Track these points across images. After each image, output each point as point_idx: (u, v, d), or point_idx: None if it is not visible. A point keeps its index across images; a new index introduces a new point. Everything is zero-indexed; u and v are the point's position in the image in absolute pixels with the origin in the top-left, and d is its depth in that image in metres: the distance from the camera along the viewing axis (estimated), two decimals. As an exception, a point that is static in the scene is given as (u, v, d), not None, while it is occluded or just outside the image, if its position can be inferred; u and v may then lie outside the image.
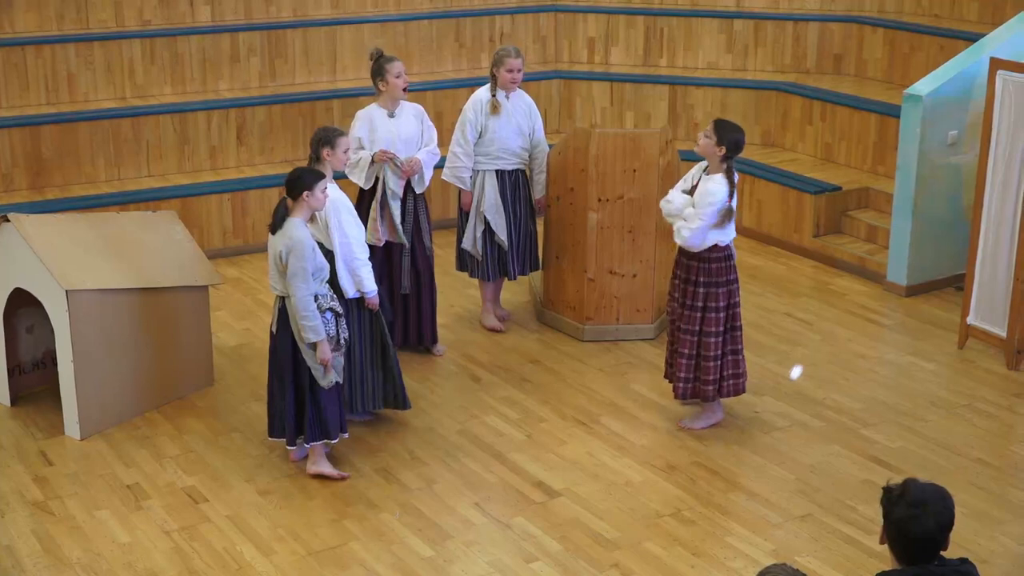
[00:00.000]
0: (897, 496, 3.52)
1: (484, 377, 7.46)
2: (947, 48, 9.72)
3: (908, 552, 3.52)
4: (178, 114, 9.58)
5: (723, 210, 6.38)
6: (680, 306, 6.63)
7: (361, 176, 7.29)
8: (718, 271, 6.54)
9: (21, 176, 9.16)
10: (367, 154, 7.25)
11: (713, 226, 6.40)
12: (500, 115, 7.75)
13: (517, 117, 7.81)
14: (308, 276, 5.90)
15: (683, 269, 6.61)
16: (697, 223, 6.38)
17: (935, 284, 8.82)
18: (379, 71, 7.27)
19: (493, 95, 7.75)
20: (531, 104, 7.95)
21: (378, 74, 7.28)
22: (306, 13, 10.50)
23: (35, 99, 9.47)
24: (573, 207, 7.83)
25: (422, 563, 5.59)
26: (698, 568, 5.56)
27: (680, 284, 6.63)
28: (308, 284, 5.91)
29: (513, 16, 11.14)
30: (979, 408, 7.13)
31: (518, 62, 7.74)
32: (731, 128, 6.43)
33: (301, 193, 5.96)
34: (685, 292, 6.59)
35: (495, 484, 6.26)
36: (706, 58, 11.06)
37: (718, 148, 6.39)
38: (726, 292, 6.58)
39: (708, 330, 6.59)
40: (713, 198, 6.35)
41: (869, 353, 7.86)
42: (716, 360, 6.64)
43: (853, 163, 9.99)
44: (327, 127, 6.46)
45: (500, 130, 7.72)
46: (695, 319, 6.58)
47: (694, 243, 6.45)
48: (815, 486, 6.26)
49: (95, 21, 9.79)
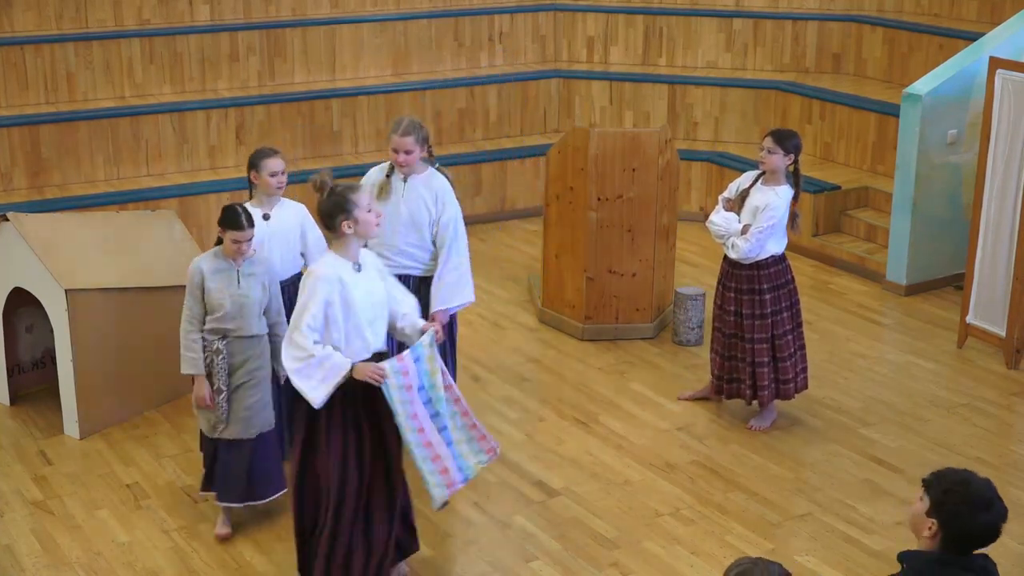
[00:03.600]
0: (964, 493, 3.52)
1: (483, 376, 7.46)
2: (946, 47, 9.73)
3: (964, 546, 3.56)
4: (177, 113, 9.57)
5: (782, 222, 6.43)
6: (741, 318, 6.60)
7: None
8: (777, 274, 6.57)
9: (20, 175, 9.15)
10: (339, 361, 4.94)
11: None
12: (388, 201, 6.13)
13: (411, 205, 6.15)
14: (192, 304, 5.56)
15: (741, 280, 6.57)
16: (755, 237, 6.40)
17: (934, 283, 8.82)
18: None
19: (388, 174, 6.22)
20: (441, 189, 6.17)
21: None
22: (305, 12, 10.49)
23: (34, 98, 9.46)
24: (572, 206, 7.82)
25: (422, 563, 5.58)
26: (697, 567, 5.56)
27: (739, 296, 6.59)
28: (191, 312, 5.56)
29: (512, 15, 11.14)
30: (978, 407, 7.13)
31: (405, 141, 6.08)
32: (789, 135, 6.44)
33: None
34: (752, 303, 6.57)
35: (494, 483, 6.26)
36: (705, 57, 11.06)
37: (786, 158, 6.39)
38: (787, 292, 6.62)
39: (780, 332, 6.62)
40: (775, 212, 6.38)
41: (868, 352, 7.86)
42: (791, 358, 6.68)
43: (852, 162, 9.99)
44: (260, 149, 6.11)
45: (385, 220, 5.67)
46: (766, 326, 6.59)
47: (751, 255, 6.46)
48: (814, 485, 6.26)
49: (94, 20, 9.78)
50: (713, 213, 6.62)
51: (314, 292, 4.83)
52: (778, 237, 6.52)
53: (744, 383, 6.71)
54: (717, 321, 6.79)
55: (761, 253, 6.49)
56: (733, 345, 6.70)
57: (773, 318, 6.60)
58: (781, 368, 6.68)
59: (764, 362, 6.64)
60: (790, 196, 6.45)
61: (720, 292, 6.73)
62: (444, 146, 10.46)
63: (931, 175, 8.58)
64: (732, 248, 6.50)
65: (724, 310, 6.70)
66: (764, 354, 6.63)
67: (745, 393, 6.75)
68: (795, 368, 6.74)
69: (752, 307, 6.59)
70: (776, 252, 6.55)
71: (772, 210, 6.39)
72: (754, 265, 6.53)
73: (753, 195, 6.50)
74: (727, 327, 6.70)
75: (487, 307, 8.46)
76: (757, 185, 6.52)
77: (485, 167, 10.26)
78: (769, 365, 6.66)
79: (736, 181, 6.69)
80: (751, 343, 6.62)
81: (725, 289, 6.68)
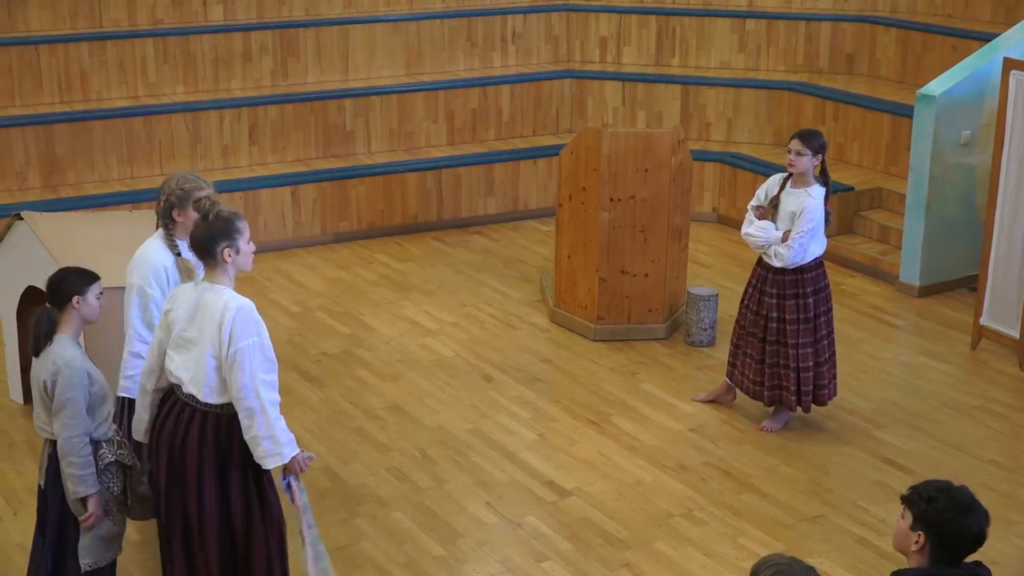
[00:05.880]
0: (947, 498, 3.53)
1: (495, 376, 7.46)
2: (960, 48, 9.70)
3: (954, 552, 3.54)
4: (190, 113, 9.60)
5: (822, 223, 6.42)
6: (784, 323, 6.54)
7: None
8: (818, 277, 6.55)
9: (34, 174, 9.18)
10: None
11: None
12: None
13: None
14: (80, 410, 4.57)
15: (784, 285, 6.51)
16: (798, 243, 6.37)
17: (948, 285, 8.80)
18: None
19: (178, 253, 5.21)
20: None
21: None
22: (318, 12, 10.50)
23: (48, 98, 9.49)
24: (585, 206, 7.82)
25: (433, 562, 5.59)
26: (709, 568, 5.56)
27: (781, 301, 6.53)
28: (79, 421, 4.56)
29: (525, 15, 11.14)
30: (992, 409, 7.10)
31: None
32: (814, 135, 6.42)
33: (69, 300, 4.66)
34: (796, 307, 6.51)
35: (506, 483, 6.26)
36: (718, 58, 11.04)
37: (815, 159, 6.37)
38: (825, 296, 6.60)
39: (822, 334, 6.60)
40: (814, 214, 6.36)
41: (881, 354, 7.84)
42: (827, 363, 6.67)
43: (865, 163, 9.96)
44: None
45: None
46: (810, 330, 6.55)
47: (796, 261, 6.42)
48: (827, 487, 6.25)
49: (108, 20, 9.81)
50: (746, 224, 6.55)
51: (263, 328, 4.54)
52: (819, 238, 6.47)
53: (788, 389, 6.63)
54: (751, 326, 6.66)
55: (806, 256, 6.46)
56: (775, 351, 6.61)
57: (816, 321, 6.56)
58: (818, 373, 6.64)
59: (809, 366, 6.59)
60: (823, 194, 6.42)
61: (756, 297, 6.63)
62: (457, 146, 10.48)
63: (945, 176, 8.56)
64: (776, 257, 6.43)
65: (761, 315, 6.60)
66: (808, 358, 6.58)
67: (790, 399, 6.66)
68: (828, 374, 6.71)
69: (796, 311, 6.52)
70: (818, 254, 6.50)
71: (810, 212, 6.35)
72: (797, 269, 6.47)
73: (786, 200, 6.44)
74: (768, 333, 6.60)
75: (499, 307, 8.47)
76: (787, 189, 6.46)
77: (498, 167, 10.26)
78: (812, 370, 6.62)
79: (763, 187, 6.61)
80: (795, 348, 6.55)
81: (763, 295, 6.58)
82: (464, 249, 9.62)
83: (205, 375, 4.49)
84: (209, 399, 4.53)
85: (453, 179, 10.07)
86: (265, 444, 4.48)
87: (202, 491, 4.57)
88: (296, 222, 9.60)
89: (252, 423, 4.47)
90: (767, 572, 3.15)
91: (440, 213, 10.05)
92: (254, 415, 4.46)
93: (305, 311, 8.41)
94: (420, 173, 9.96)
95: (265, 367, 4.49)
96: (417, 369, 7.53)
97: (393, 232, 9.90)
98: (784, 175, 6.51)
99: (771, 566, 3.17)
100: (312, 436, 6.69)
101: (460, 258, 9.39)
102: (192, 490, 4.57)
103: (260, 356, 4.47)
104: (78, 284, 4.70)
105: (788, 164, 6.41)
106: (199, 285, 4.60)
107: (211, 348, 4.47)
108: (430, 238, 9.86)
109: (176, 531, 4.66)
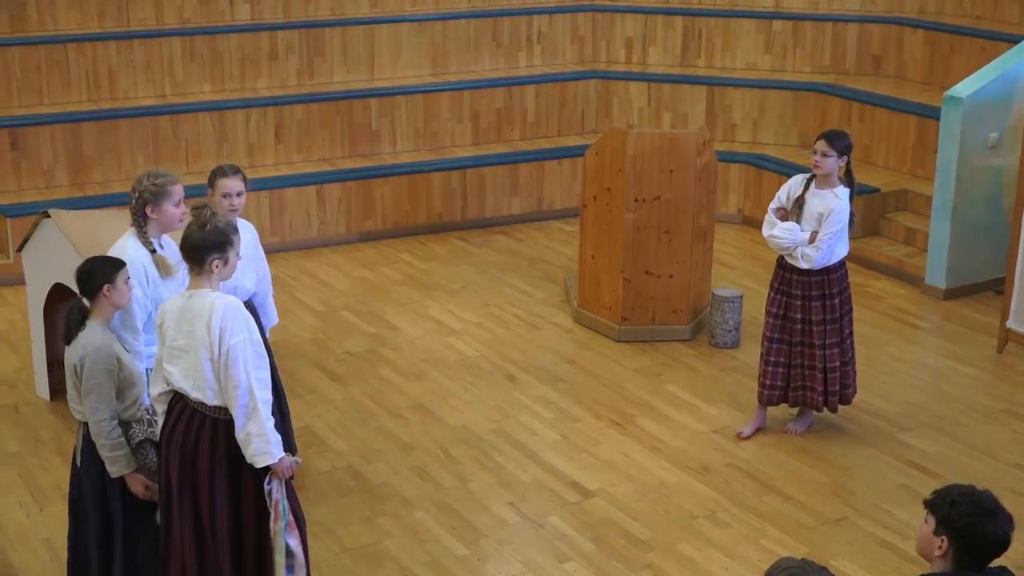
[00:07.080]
0: (970, 503, 3.52)
1: (519, 376, 7.47)
2: (988, 50, 9.64)
3: (978, 556, 3.53)
4: (217, 112, 9.64)
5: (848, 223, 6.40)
6: (810, 324, 6.49)
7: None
8: (842, 278, 6.53)
9: (62, 172, 9.25)
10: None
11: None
12: (177, 279, 5.22)
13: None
14: (106, 394, 4.75)
15: (809, 287, 6.47)
16: (826, 244, 6.34)
17: (974, 287, 8.75)
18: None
19: (153, 249, 5.25)
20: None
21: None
22: (345, 12, 10.53)
23: (76, 96, 9.56)
24: (609, 207, 7.82)
25: (456, 562, 5.60)
26: (732, 571, 5.55)
27: (806, 303, 6.49)
28: (106, 404, 4.75)
29: (551, 16, 11.14)
30: (1018, 413, 7.06)
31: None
32: (840, 136, 6.39)
33: (100, 289, 4.81)
34: (823, 308, 6.48)
35: (529, 483, 6.26)
36: (744, 58, 11.02)
37: (840, 160, 6.34)
38: (848, 296, 6.58)
39: (846, 333, 6.58)
40: (841, 215, 6.33)
41: (907, 357, 7.81)
42: (851, 362, 6.66)
43: (892, 165, 9.92)
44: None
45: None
46: (836, 330, 6.52)
47: (823, 262, 6.40)
48: (851, 489, 6.23)
49: (136, 19, 9.87)
50: (768, 227, 6.47)
51: (252, 324, 4.57)
52: (844, 239, 6.44)
53: (815, 390, 6.59)
54: (779, 332, 6.58)
55: (833, 257, 6.44)
56: (799, 352, 6.57)
57: (842, 321, 6.54)
58: (844, 372, 6.63)
59: (836, 366, 6.56)
60: (848, 195, 6.40)
61: (780, 301, 6.57)
62: (482, 146, 10.49)
63: (972, 178, 8.52)
64: (803, 259, 6.38)
65: (788, 318, 6.55)
66: (835, 359, 6.55)
67: (816, 400, 6.63)
68: (852, 372, 6.69)
69: (823, 312, 6.48)
70: (843, 254, 6.48)
71: (838, 213, 6.32)
72: (823, 270, 6.44)
73: (811, 201, 6.40)
74: (793, 335, 6.56)
75: (523, 307, 8.47)
76: (812, 190, 6.42)
77: (523, 167, 10.27)
78: (839, 370, 6.59)
79: (784, 188, 6.55)
80: (823, 349, 6.52)
81: (788, 297, 6.53)
82: (488, 249, 9.63)
83: (204, 379, 4.52)
84: (215, 402, 4.55)
85: (478, 179, 10.08)
86: (256, 442, 4.50)
87: (214, 497, 4.60)
88: (321, 221, 9.63)
89: (246, 420, 4.48)
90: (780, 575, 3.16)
91: (465, 213, 10.06)
92: (248, 412, 4.48)
93: (329, 310, 8.44)
94: (445, 173, 9.97)
95: (257, 363, 4.51)
96: (441, 368, 7.54)
97: (418, 232, 9.92)
98: (806, 176, 6.48)
99: (784, 569, 3.18)
100: (336, 435, 6.71)
101: (484, 258, 9.40)
102: (204, 496, 4.60)
103: (252, 352, 4.49)
104: (107, 272, 4.81)
105: (813, 165, 6.38)
106: (183, 295, 4.63)
107: (204, 351, 4.49)
108: (454, 238, 9.88)
109: (188, 536, 4.67)
